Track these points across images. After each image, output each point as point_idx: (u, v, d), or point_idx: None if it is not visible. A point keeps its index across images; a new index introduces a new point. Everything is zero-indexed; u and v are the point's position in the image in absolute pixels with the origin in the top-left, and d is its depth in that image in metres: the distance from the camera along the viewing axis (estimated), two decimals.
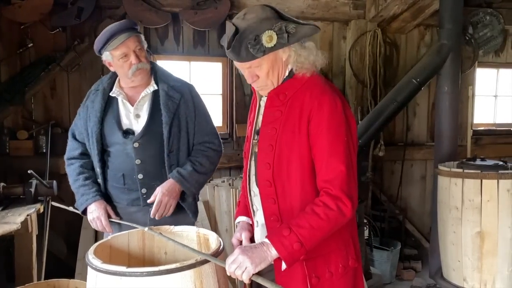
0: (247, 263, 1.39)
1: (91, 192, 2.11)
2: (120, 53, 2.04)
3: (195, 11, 3.85)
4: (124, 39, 2.03)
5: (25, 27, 3.65)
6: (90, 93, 2.23)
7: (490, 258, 3.05)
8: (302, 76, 1.53)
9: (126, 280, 1.39)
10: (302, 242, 1.38)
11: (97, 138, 2.12)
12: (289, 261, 1.41)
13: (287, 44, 1.46)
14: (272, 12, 1.50)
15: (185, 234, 1.83)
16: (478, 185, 3.03)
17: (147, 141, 2.10)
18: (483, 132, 4.96)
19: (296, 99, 1.52)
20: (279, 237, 1.41)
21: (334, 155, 1.44)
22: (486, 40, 4.73)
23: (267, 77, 1.54)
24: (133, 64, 2.05)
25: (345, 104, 1.52)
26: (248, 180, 1.66)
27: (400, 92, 3.73)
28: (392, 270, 4.02)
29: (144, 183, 2.12)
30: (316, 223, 1.40)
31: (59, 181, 3.27)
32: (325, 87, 1.52)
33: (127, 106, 2.14)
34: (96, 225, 2.10)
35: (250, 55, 1.46)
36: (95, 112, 2.13)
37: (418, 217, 4.77)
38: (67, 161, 2.24)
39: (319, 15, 4.23)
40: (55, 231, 3.65)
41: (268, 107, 1.59)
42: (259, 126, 1.62)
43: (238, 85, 4.14)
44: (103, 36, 2.04)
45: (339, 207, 1.41)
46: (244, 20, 1.48)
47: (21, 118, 3.77)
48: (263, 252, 1.41)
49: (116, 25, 2.05)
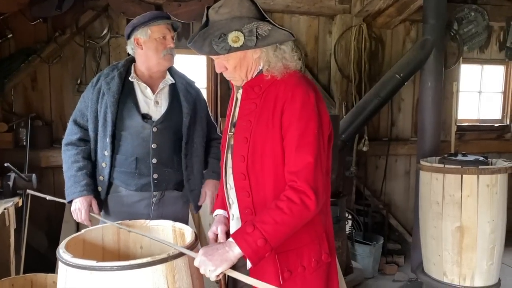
0: (208, 265, 1.38)
1: (79, 186, 2.12)
2: (161, 32, 2.15)
3: (178, 3, 3.81)
4: (167, 23, 2.18)
5: (4, 18, 3.57)
6: (101, 76, 2.23)
7: (470, 252, 3.08)
8: (272, 76, 1.52)
9: (96, 274, 1.37)
10: (266, 238, 1.36)
11: (112, 119, 2.14)
12: (253, 259, 1.38)
13: (253, 47, 1.45)
14: (250, 8, 1.47)
15: (160, 228, 1.82)
16: (459, 180, 3.05)
17: (165, 128, 2.17)
18: (467, 128, 5.00)
19: (270, 91, 1.52)
20: (243, 234, 1.39)
21: (303, 147, 1.43)
22: (471, 36, 4.75)
23: (234, 70, 1.54)
24: (168, 46, 2.16)
25: (319, 97, 1.51)
26: (225, 173, 1.65)
27: (383, 87, 3.74)
28: (374, 265, 4.05)
29: (157, 168, 2.18)
30: (280, 218, 1.38)
31: (39, 175, 3.24)
32: (300, 80, 1.51)
33: (146, 93, 2.20)
34: (77, 216, 2.12)
35: (214, 51, 1.46)
36: (113, 93, 2.15)
37: (402, 212, 4.81)
38: (63, 147, 2.24)
39: (305, 9, 4.21)
40: (35, 225, 3.60)
41: (244, 100, 1.58)
42: (235, 118, 1.61)
43: (223, 78, 4.11)
44: (150, 14, 2.16)
45: (303, 201, 1.39)
46: (217, 13, 1.47)
47: (1, 110, 3.70)
48: (225, 252, 1.39)
49: (161, 12, 2.25)
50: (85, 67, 3.83)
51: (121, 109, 2.15)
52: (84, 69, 3.83)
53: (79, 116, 2.24)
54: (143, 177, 2.17)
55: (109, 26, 3.82)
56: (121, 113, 2.15)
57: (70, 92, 3.82)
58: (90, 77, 3.80)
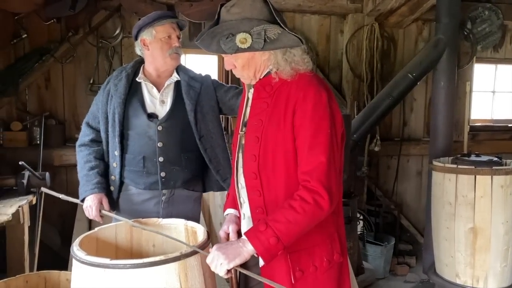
0: (221, 259, 1.38)
1: (91, 184, 2.16)
2: (166, 32, 2.16)
3: (190, 3, 3.82)
4: (172, 22, 2.18)
5: (19, 18, 3.63)
6: (111, 79, 2.28)
7: (483, 254, 3.04)
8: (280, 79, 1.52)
9: (110, 272, 1.38)
10: (279, 237, 1.36)
11: (119, 119, 2.17)
12: (265, 257, 1.39)
13: (260, 50, 1.45)
14: (262, 10, 1.46)
15: (173, 227, 1.82)
16: (472, 181, 3.01)
17: (170, 126, 2.17)
18: (480, 128, 4.95)
19: (282, 91, 1.51)
20: (255, 232, 1.40)
21: (316, 146, 1.42)
22: (485, 36, 4.70)
23: (242, 70, 1.55)
24: (173, 46, 2.16)
25: (331, 97, 1.50)
26: (236, 172, 1.65)
27: (395, 87, 3.71)
28: (385, 265, 4.02)
29: (164, 166, 2.17)
30: (293, 217, 1.38)
31: (52, 173, 3.27)
32: (312, 80, 1.50)
33: (152, 92, 2.21)
34: (89, 213, 2.15)
35: (221, 50, 1.46)
36: (119, 94, 2.19)
37: (413, 213, 4.77)
38: (77, 148, 2.30)
39: (316, 8, 4.20)
40: (49, 222, 3.64)
41: (255, 99, 1.58)
42: (247, 117, 1.61)
43: (234, 78, 4.12)
44: (154, 15, 2.16)
45: (316, 201, 1.39)
46: (228, 13, 1.47)
47: (15, 110, 3.76)
48: (238, 247, 1.40)
49: (165, 11, 2.22)
50: (97, 67, 3.87)
51: (128, 109, 2.19)
52: (97, 69, 3.87)
53: (91, 118, 2.30)
54: (151, 175, 2.18)
55: (122, 26, 3.85)
56: (128, 113, 2.18)
57: (83, 91, 3.86)
58: (102, 76, 3.84)
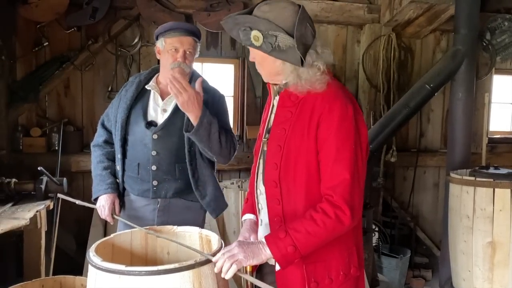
0: (240, 255, 1.40)
1: (104, 184, 2.20)
2: (173, 45, 2.14)
3: (208, 13, 3.86)
4: (182, 35, 2.14)
5: (41, 26, 3.71)
6: (127, 84, 2.33)
7: (502, 269, 2.98)
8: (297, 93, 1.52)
9: (125, 279, 1.39)
10: (297, 246, 1.38)
11: (122, 124, 2.20)
12: (282, 263, 1.41)
13: (267, 53, 1.46)
14: (288, 18, 1.44)
15: (187, 235, 1.82)
16: (491, 194, 2.97)
17: (165, 134, 2.16)
18: (499, 140, 4.86)
19: (307, 101, 1.50)
20: (275, 238, 1.42)
21: (340, 162, 1.42)
22: (504, 47, 4.64)
23: (258, 65, 1.57)
24: (177, 60, 2.13)
25: (357, 110, 1.49)
26: (256, 178, 1.67)
27: (412, 98, 3.68)
28: (401, 278, 3.96)
29: (156, 175, 2.18)
30: (312, 229, 1.39)
31: (69, 179, 3.32)
32: (338, 92, 1.49)
33: (157, 100, 2.22)
34: (101, 212, 2.18)
35: (239, 38, 1.51)
36: (126, 100, 2.22)
37: (430, 225, 4.70)
38: (92, 148, 2.35)
39: (333, 18, 4.21)
40: (65, 228, 3.68)
41: (280, 107, 1.59)
42: (270, 125, 1.62)
43: (250, 87, 4.14)
44: (169, 25, 2.17)
45: (338, 216, 1.40)
46: (259, 8, 1.49)
47: (35, 116, 3.83)
48: (258, 249, 1.43)
49: (184, 23, 2.22)
50: (116, 75, 3.92)
51: (131, 115, 2.21)
52: (115, 77, 3.93)
53: (106, 119, 2.35)
54: (145, 182, 2.19)
55: (140, 35, 3.91)
56: (130, 119, 2.21)
57: (101, 98, 3.92)
58: (120, 84, 3.88)
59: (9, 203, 2.79)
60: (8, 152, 3.64)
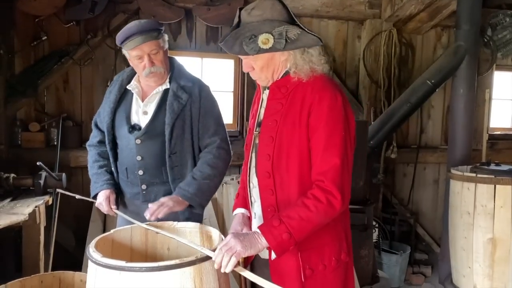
0: (238, 246, 1.41)
1: (100, 181, 2.17)
2: (135, 54, 2.05)
3: (208, 7, 3.84)
4: (139, 43, 2.01)
5: (39, 20, 3.68)
6: (111, 84, 2.27)
7: (502, 265, 2.98)
8: (298, 78, 1.55)
9: (125, 275, 1.38)
10: (291, 233, 1.41)
11: (108, 128, 2.16)
12: (278, 251, 1.44)
13: (282, 49, 1.49)
14: (281, 12, 1.50)
15: (188, 230, 1.82)
16: (492, 190, 2.96)
17: (148, 139, 2.10)
18: (499, 137, 4.86)
19: (297, 92, 1.54)
20: (269, 227, 1.45)
21: (330, 148, 1.47)
22: (505, 43, 4.62)
23: (261, 71, 1.58)
24: (146, 67, 2.05)
25: (346, 100, 1.54)
26: (249, 172, 1.69)
27: (413, 94, 3.67)
28: (400, 274, 3.96)
29: (144, 179, 2.15)
30: (306, 215, 1.43)
31: (69, 174, 3.30)
32: (327, 83, 1.54)
33: (138, 102, 2.16)
34: (102, 209, 2.15)
35: (243, 51, 1.50)
36: (109, 103, 2.17)
37: (429, 222, 4.70)
38: (87, 148, 2.31)
39: (334, 13, 4.18)
40: (64, 223, 3.67)
41: (270, 100, 1.62)
42: (261, 118, 1.65)
43: (250, 82, 4.12)
44: (122, 35, 2.03)
45: (329, 200, 1.44)
46: (249, 15, 1.50)
47: (34, 111, 3.81)
48: (254, 238, 1.45)
49: (136, 25, 2.02)
50: (115, 69, 3.89)
51: (116, 118, 2.16)
52: (114, 71, 3.89)
53: (98, 120, 2.29)
54: (134, 186, 2.18)
55: None
56: (115, 122, 2.16)
57: (100, 93, 3.88)
58: None
59: (7, 199, 2.78)
60: (6, 147, 3.61)
